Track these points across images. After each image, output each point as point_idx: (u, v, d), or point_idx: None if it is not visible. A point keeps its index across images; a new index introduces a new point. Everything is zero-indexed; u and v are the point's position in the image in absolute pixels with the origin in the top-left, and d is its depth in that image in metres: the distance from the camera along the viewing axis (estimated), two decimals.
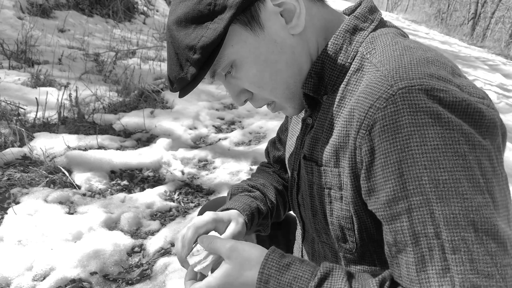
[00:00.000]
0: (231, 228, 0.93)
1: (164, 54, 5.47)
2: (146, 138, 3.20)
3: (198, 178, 2.74)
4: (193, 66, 0.76)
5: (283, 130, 1.19)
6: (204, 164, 2.94)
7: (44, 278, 1.69)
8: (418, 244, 0.63)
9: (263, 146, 3.19)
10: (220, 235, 0.93)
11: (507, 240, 0.62)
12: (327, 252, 0.93)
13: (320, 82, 0.82)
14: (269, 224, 1.13)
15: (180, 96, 0.81)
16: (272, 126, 3.62)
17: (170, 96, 4.00)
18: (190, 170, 2.80)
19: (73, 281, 1.70)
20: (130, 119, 3.35)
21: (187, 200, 2.48)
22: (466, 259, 0.60)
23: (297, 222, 1.09)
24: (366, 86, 0.70)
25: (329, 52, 0.80)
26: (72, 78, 3.96)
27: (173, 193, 2.51)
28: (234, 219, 0.96)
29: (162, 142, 3.02)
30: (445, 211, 0.61)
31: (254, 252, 0.75)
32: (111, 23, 6.42)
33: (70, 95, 3.30)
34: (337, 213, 0.82)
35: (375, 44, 0.77)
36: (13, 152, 2.62)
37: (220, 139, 3.39)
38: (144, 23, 7.04)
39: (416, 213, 0.63)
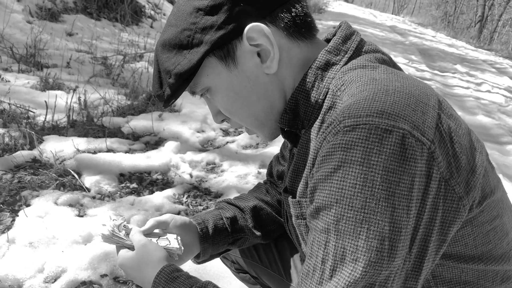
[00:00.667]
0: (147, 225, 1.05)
1: None
2: (154, 141, 3.22)
3: (206, 181, 2.75)
4: (169, 88, 0.83)
5: (286, 146, 1.21)
6: (212, 167, 2.95)
7: (55, 280, 1.70)
8: (310, 260, 0.70)
9: (270, 149, 3.19)
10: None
11: None
12: None
13: (296, 118, 0.85)
14: (246, 238, 1.19)
15: (164, 106, 0.88)
16: None
17: (178, 99, 4.01)
18: (198, 173, 2.81)
19: (83, 283, 1.71)
20: (139, 122, 3.37)
21: (196, 203, 2.48)
22: None
23: None
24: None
25: (302, 89, 0.83)
26: (80, 82, 3.99)
27: (182, 196, 2.51)
28: (176, 222, 1.08)
29: (170, 145, 3.04)
30: (338, 244, 0.66)
31: (157, 255, 0.93)
32: (119, 27, 6.47)
33: (79, 98, 3.32)
34: None
35: (344, 80, 0.77)
36: (23, 155, 2.65)
37: (227, 142, 3.40)
38: (151, 26, 7.09)
39: (318, 234, 0.69)
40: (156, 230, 1.06)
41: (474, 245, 0.76)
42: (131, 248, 0.97)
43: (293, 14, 0.81)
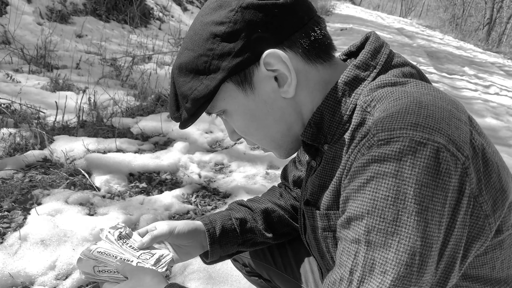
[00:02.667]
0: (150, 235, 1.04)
1: None
2: (163, 142, 3.24)
3: (214, 181, 2.76)
4: (186, 112, 0.84)
5: (303, 151, 1.20)
6: (220, 168, 2.97)
7: (66, 277, 1.72)
8: (338, 269, 0.70)
9: None
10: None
11: None
12: None
13: (319, 132, 0.84)
14: (255, 240, 1.19)
15: (181, 128, 0.88)
16: None
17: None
18: (207, 173, 2.82)
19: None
20: (148, 123, 3.40)
21: (204, 203, 2.50)
22: None
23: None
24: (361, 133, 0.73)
25: (328, 104, 0.82)
26: (90, 83, 4.03)
27: (191, 195, 2.53)
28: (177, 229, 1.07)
29: (179, 146, 3.06)
30: (367, 255, 0.66)
31: (149, 274, 0.88)
32: (127, 29, 6.52)
33: (89, 99, 3.35)
34: None
35: (373, 96, 0.76)
36: (34, 154, 2.68)
37: (235, 143, 3.41)
38: (159, 28, 7.13)
39: (348, 244, 0.69)
40: (156, 245, 1.04)
41: (501, 268, 0.76)
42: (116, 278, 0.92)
43: (311, 38, 0.80)
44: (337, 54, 0.89)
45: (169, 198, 2.40)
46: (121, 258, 0.96)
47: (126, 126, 3.35)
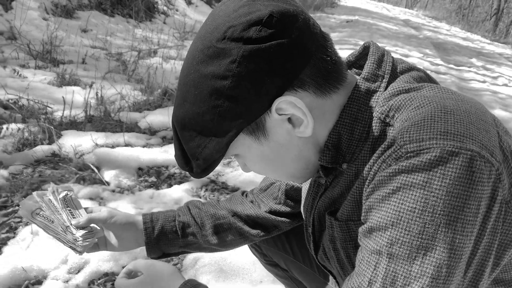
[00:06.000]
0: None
1: (185, 53, 5.51)
2: (171, 136, 3.23)
3: (223, 175, 2.76)
4: (197, 167, 0.78)
5: None
6: (228, 162, 2.96)
7: (78, 271, 1.73)
8: (356, 278, 0.69)
9: None
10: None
11: None
12: None
13: (338, 153, 0.79)
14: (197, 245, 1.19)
15: (196, 177, 0.83)
16: None
17: None
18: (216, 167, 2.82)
19: (106, 274, 1.73)
20: (155, 117, 3.39)
21: (213, 196, 2.49)
22: None
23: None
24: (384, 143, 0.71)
25: (344, 123, 0.77)
26: (96, 78, 4.03)
27: (200, 189, 2.53)
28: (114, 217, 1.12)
29: None
30: (389, 268, 0.64)
31: (166, 269, 0.95)
32: (132, 23, 6.51)
33: (97, 93, 3.35)
34: None
35: (390, 106, 0.73)
36: (43, 149, 2.68)
37: None
38: (164, 22, 7.12)
39: (368, 254, 0.68)
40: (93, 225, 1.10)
41: None
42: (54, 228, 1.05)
43: (322, 71, 0.73)
44: None
45: (178, 192, 2.40)
46: (57, 217, 1.07)
47: (134, 121, 3.35)
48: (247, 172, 0.89)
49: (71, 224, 1.06)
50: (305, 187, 1.01)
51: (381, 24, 12.50)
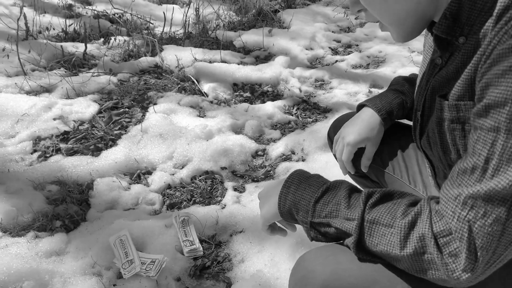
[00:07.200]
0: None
1: None
2: (264, 56, 3.26)
3: (315, 96, 2.76)
4: None
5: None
6: (320, 84, 2.94)
7: (183, 167, 1.89)
8: (470, 158, 0.67)
9: (382, 69, 3.07)
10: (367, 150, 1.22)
11: None
12: None
13: (455, 24, 0.74)
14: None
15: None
16: (392, 50, 3.44)
17: (287, 16, 3.96)
18: (307, 88, 2.82)
19: (206, 172, 1.88)
20: (249, 37, 3.41)
21: (305, 115, 2.52)
22: (494, 188, 0.63)
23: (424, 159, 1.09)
24: None
25: None
26: None
27: (292, 107, 2.56)
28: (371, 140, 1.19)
29: (280, 60, 3.06)
30: (507, 144, 0.61)
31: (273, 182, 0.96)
32: None
33: (196, 9, 3.43)
34: None
35: None
36: (148, 60, 2.86)
37: (336, 60, 3.33)
38: None
39: (484, 133, 0.64)
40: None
41: None
42: None
43: None
44: None
45: (271, 108, 2.46)
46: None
47: (229, 39, 3.40)
48: (354, 13, 0.91)
49: (183, 241, 1.47)
50: (421, 71, 0.99)
51: None
